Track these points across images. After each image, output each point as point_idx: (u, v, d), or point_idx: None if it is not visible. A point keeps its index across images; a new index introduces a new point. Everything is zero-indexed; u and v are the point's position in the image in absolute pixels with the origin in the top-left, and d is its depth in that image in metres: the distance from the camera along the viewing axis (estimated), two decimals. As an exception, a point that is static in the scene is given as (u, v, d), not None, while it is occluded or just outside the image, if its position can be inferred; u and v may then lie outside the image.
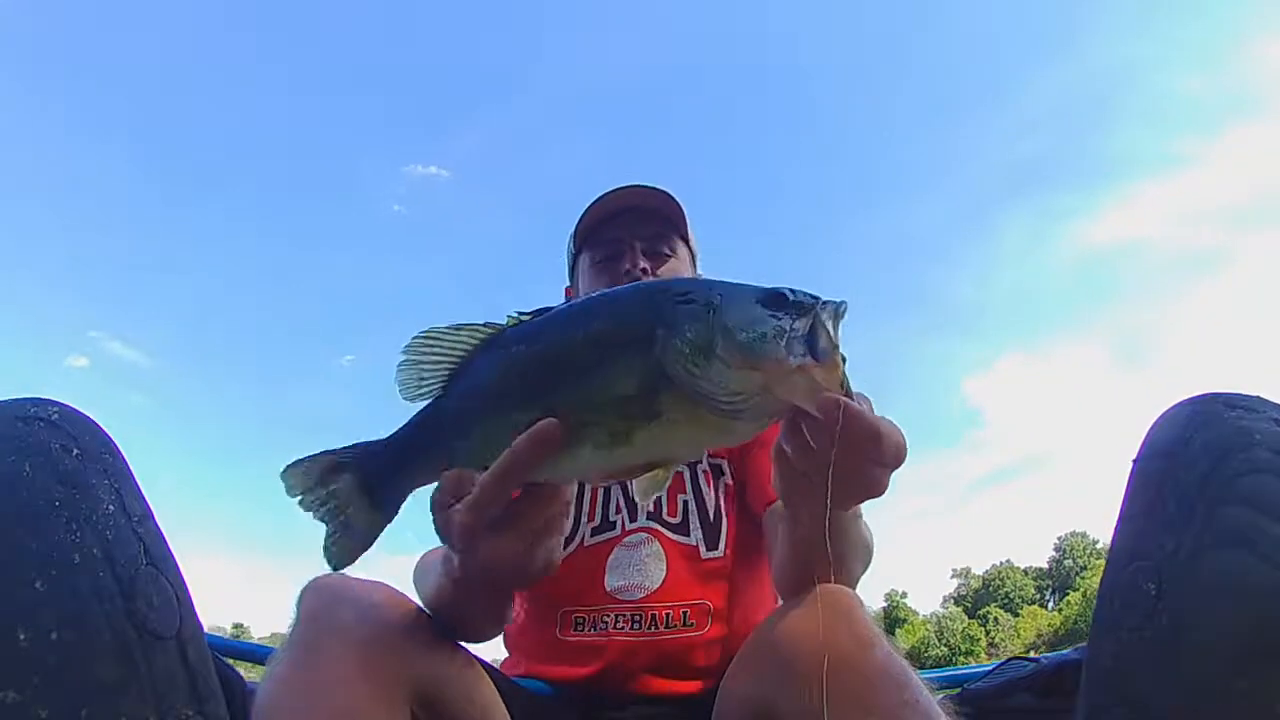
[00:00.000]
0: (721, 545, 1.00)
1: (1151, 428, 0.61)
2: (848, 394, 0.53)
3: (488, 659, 0.80)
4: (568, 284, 1.22)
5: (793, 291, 0.55)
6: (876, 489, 0.58)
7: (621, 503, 1.03)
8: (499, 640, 0.89)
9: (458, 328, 0.62)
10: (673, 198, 1.10)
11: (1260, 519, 0.50)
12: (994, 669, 1.07)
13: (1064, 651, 1.02)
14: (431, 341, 0.62)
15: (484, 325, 0.62)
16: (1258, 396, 0.58)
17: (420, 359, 0.62)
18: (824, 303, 0.54)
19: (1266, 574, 0.48)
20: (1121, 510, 0.60)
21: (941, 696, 0.64)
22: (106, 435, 0.56)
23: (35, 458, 0.50)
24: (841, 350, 0.53)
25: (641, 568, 0.98)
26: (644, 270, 1.06)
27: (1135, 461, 0.61)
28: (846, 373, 0.53)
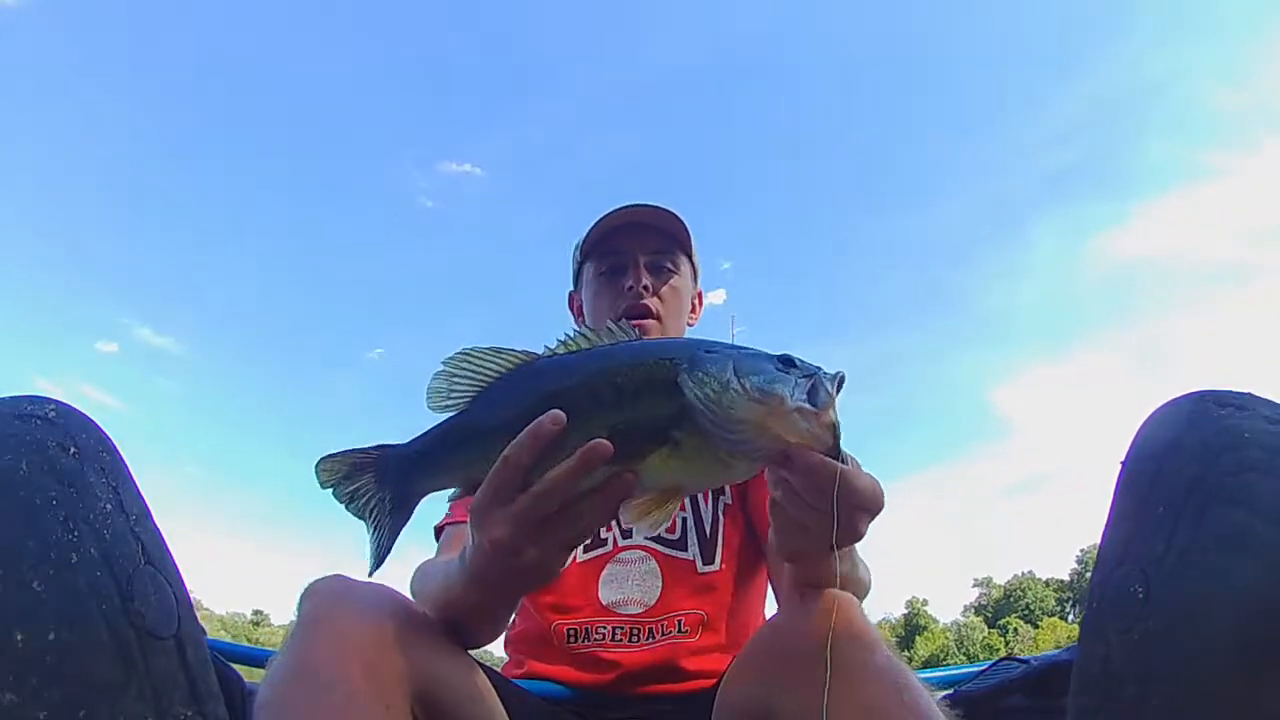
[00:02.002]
0: (717, 560, 1.02)
1: (1141, 427, 0.60)
2: (838, 441, 0.59)
3: (488, 661, 0.81)
4: (571, 289, 1.24)
5: (801, 360, 0.63)
6: (853, 534, 0.63)
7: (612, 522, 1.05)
8: (499, 642, 0.91)
9: (496, 350, 0.67)
10: (678, 217, 1.12)
11: (1251, 520, 0.49)
12: (985, 670, 1.08)
13: (1054, 652, 1.03)
14: (468, 360, 0.67)
15: (521, 352, 0.67)
16: (1249, 394, 0.57)
17: (455, 373, 0.67)
18: (825, 371, 0.62)
19: (1257, 576, 0.47)
20: (1110, 512, 0.60)
21: (939, 697, 0.65)
22: (104, 434, 0.56)
23: (32, 456, 0.50)
24: (837, 406, 0.60)
25: (640, 583, 1.00)
26: (646, 288, 1.09)
27: (1124, 462, 0.60)
28: (839, 426, 0.60)
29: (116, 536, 0.50)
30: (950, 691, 1.05)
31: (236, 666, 0.71)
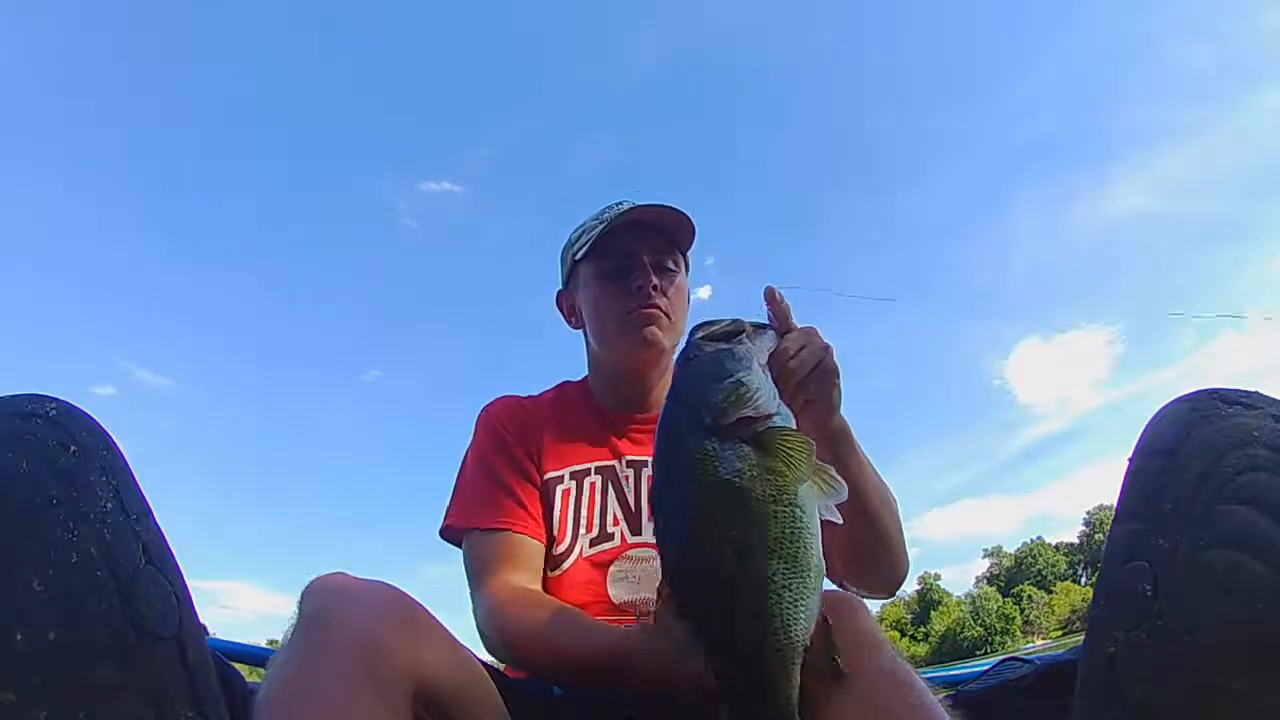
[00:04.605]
0: None
1: (1148, 425, 0.61)
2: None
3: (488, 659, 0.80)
4: (560, 288, 1.22)
5: (717, 321, 0.77)
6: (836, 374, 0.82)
7: (619, 515, 1.05)
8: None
9: None
10: (686, 215, 1.10)
11: (1259, 518, 0.49)
12: (989, 670, 1.07)
13: (1058, 652, 1.03)
14: None
15: None
16: (1256, 392, 0.58)
17: None
18: (736, 320, 0.77)
19: (1264, 574, 0.48)
20: (1118, 508, 0.60)
21: (941, 697, 0.65)
22: (105, 432, 0.55)
23: (32, 455, 0.50)
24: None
25: (651, 584, 0.99)
26: (655, 287, 1.07)
27: (1131, 459, 0.60)
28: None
29: (117, 536, 0.50)
30: (953, 692, 1.05)
31: (237, 666, 0.70)
